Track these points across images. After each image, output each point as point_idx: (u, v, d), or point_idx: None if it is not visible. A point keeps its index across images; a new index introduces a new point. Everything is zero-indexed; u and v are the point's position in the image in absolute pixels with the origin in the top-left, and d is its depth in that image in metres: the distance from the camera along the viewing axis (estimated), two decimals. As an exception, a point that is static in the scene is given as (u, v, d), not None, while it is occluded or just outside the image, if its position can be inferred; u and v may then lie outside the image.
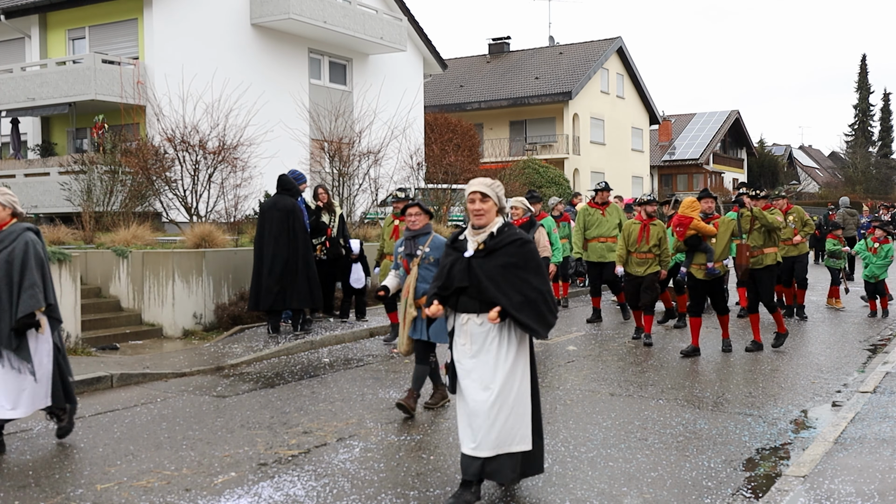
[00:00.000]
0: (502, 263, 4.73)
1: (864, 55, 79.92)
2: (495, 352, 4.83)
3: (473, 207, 4.76)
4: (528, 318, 4.72)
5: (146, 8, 20.84)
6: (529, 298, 4.71)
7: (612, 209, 13.28)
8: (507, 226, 4.84)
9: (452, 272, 4.79)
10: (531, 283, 4.75)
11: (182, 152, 15.76)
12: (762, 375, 8.94)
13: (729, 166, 58.89)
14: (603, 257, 12.83)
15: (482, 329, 4.83)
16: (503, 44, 47.72)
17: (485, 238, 4.78)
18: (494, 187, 4.82)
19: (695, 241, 9.93)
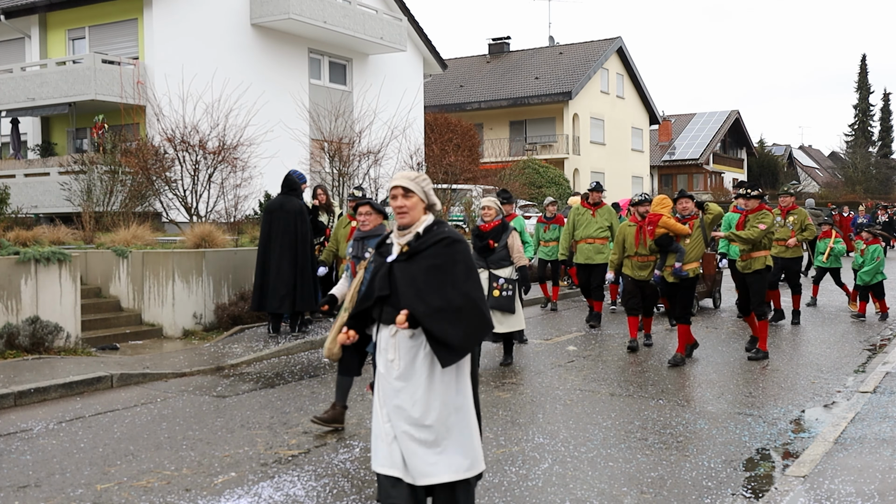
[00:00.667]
0: (425, 266, 4.06)
1: (864, 55, 79.85)
2: (427, 370, 4.05)
3: (395, 205, 4.16)
4: (443, 328, 3.92)
5: (146, 8, 20.84)
6: (453, 305, 3.98)
7: (604, 211, 12.78)
8: (436, 224, 4.20)
9: (374, 281, 4.18)
10: (458, 287, 4.02)
11: (182, 152, 15.76)
12: (762, 375, 8.94)
13: (729, 166, 58.89)
14: (590, 259, 12.44)
15: (413, 344, 4.08)
16: (503, 44, 47.71)
17: (409, 239, 4.15)
18: (419, 181, 4.23)
19: (666, 241, 9.47)
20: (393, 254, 4.19)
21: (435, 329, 3.94)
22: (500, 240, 9.06)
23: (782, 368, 9.35)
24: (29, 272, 9.74)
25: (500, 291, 9.00)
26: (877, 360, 9.63)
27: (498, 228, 9.14)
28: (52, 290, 9.92)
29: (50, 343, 9.77)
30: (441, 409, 4.03)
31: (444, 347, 3.96)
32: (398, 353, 4.11)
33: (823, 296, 15.47)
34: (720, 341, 11.10)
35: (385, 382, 4.14)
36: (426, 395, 4.04)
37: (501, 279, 9.01)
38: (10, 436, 6.67)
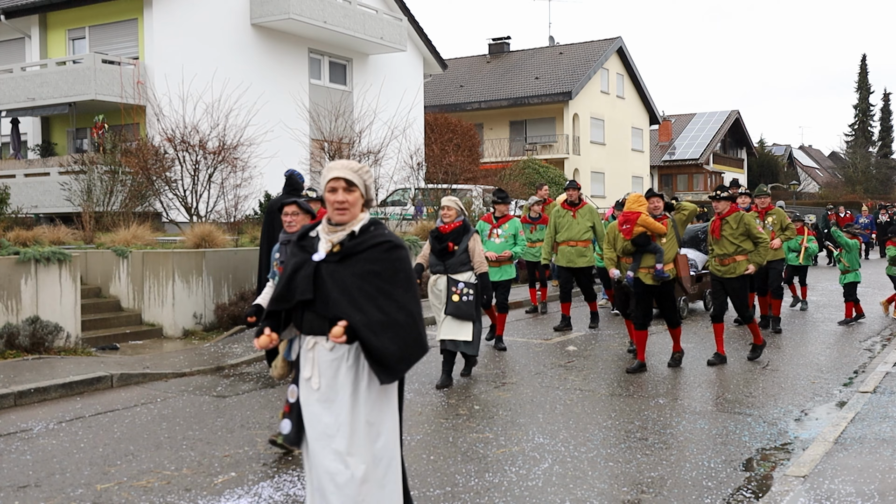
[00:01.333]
0: (361, 272, 3.54)
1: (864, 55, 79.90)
2: (351, 392, 3.57)
3: (335, 199, 3.60)
4: (384, 343, 3.47)
5: (146, 8, 20.84)
6: (393, 319, 3.49)
7: (585, 211, 12.08)
8: (373, 224, 3.69)
9: (296, 280, 3.61)
10: (397, 300, 3.53)
11: (182, 152, 15.76)
12: (762, 375, 8.94)
13: (729, 166, 58.87)
14: (572, 262, 11.93)
15: (334, 357, 3.56)
16: (503, 44, 47.71)
17: (343, 238, 3.62)
18: (362, 173, 3.68)
19: (643, 241, 9.00)
20: (320, 251, 3.64)
21: (372, 343, 3.45)
22: (460, 242, 8.33)
23: (782, 368, 9.35)
24: (29, 272, 9.75)
25: (459, 296, 8.23)
26: (877, 360, 9.63)
27: (458, 230, 8.39)
28: (52, 290, 9.92)
29: (50, 343, 9.77)
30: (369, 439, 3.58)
31: (379, 364, 3.49)
32: (317, 370, 3.59)
33: (823, 296, 15.48)
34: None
35: (305, 407, 3.62)
36: (351, 421, 3.56)
37: (461, 283, 8.26)
38: (10, 436, 6.67)
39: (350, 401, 3.56)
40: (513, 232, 10.43)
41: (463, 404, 7.63)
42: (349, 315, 3.47)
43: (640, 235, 8.98)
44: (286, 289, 3.65)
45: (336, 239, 3.64)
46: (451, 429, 6.77)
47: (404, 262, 3.64)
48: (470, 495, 5.20)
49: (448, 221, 8.48)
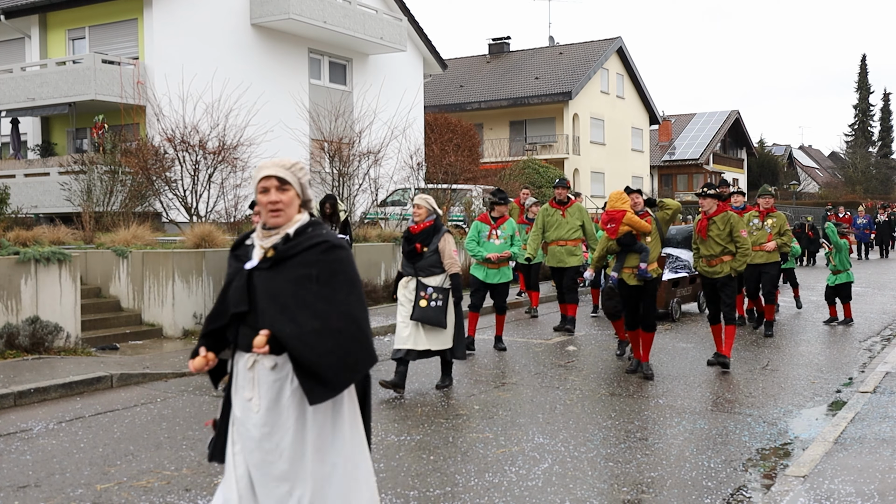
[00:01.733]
0: (295, 276, 3.23)
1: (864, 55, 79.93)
2: (296, 416, 3.23)
3: (268, 200, 3.30)
4: (317, 355, 3.13)
5: (146, 8, 20.84)
6: (331, 326, 3.16)
7: (575, 210, 11.82)
8: (311, 225, 3.38)
9: (230, 292, 3.34)
10: (337, 304, 3.21)
11: (182, 152, 15.76)
12: (762, 375, 8.94)
13: (729, 166, 58.86)
14: (562, 262, 11.66)
15: (277, 377, 3.22)
16: (503, 44, 47.72)
17: (276, 242, 3.31)
18: (296, 171, 3.37)
19: (629, 241, 8.65)
20: (253, 259, 3.34)
21: (305, 356, 3.13)
22: (429, 243, 7.93)
23: (782, 368, 9.35)
24: (29, 272, 9.74)
25: (427, 301, 7.82)
26: (877, 360, 9.63)
27: (428, 230, 7.98)
28: (52, 290, 9.92)
29: (50, 343, 9.77)
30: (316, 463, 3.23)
31: (314, 380, 3.15)
32: (257, 390, 3.25)
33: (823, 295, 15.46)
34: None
35: (243, 429, 3.28)
36: (295, 446, 3.22)
37: (430, 288, 7.88)
38: (10, 436, 6.67)
39: (295, 425, 3.21)
40: (510, 233, 10.21)
41: (463, 404, 7.63)
42: (278, 325, 3.16)
43: (626, 235, 8.66)
44: (221, 302, 3.36)
45: (269, 244, 3.32)
46: (451, 429, 6.77)
47: (344, 263, 3.31)
48: (470, 495, 5.20)
49: (418, 221, 8.07)
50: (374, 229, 16.28)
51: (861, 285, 18.70)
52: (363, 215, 18.41)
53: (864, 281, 19.85)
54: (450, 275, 7.97)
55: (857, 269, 23.77)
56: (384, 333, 11.76)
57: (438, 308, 7.85)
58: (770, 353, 10.24)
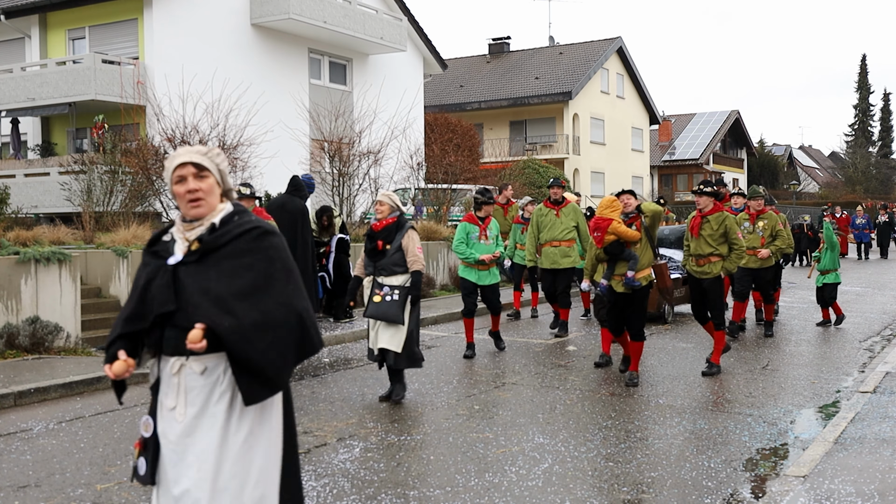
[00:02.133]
0: (228, 268, 2.99)
1: (864, 55, 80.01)
2: (224, 420, 2.99)
3: (185, 189, 3.05)
4: (258, 349, 2.92)
5: (146, 8, 20.85)
6: (272, 318, 2.95)
7: (569, 210, 11.47)
8: (237, 213, 3.13)
9: (150, 291, 3.02)
10: (275, 295, 2.99)
11: (182, 152, 15.75)
12: (762, 375, 8.94)
13: (729, 166, 58.86)
14: (556, 263, 11.30)
15: (206, 381, 2.98)
16: (503, 44, 47.73)
17: (202, 233, 3.07)
18: (213, 156, 3.13)
19: (616, 249, 8.37)
20: (176, 254, 3.07)
21: (245, 351, 2.90)
22: (392, 241, 7.55)
23: (782, 368, 9.35)
24: (29, 272, 9.74)
25: (382, 297, 7.45)
26: (877, 360, 9.63)
27: (391, 227, 7.59)
28: (52, 290, 9.92)
29: (50, 343, 9.77)
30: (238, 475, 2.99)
31: (253, 377, 2.93)
32: (182, 398, 2.99)
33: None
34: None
35: (165, 442, 3.03)
36: (220, 459, 2.96)
37: (385, 287, 7.49)
38: (10, 436, 6.67)
39: (219, 438, 2.96)
40: (496, 233, 10.03)
41: (463, 404, 7.63)
42: (215, 318, 2.90)
43: (613, 244, 8.37)
44: (140, 303, 3.03)
45: (193, 236, 3.07)
46: (451, 429, 6.77)
47: (280, 251, 3.09)
48: (470, 495, 5.20)
49: (381, 218, 7.69)
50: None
51: (861, 285, 18.70)
52: (363, 215, 18.41)
53: (864, 281, 19.85)
54: (412, 271, 7.55)
55: (857, 269, 23.81)
56: (384, 333, 11.77)
57: (392, 303, 7.41)
58: (770, 353, 10.25)
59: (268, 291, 2.99)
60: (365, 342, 11.19)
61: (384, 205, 7.73)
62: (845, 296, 16.09)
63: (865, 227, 28.01)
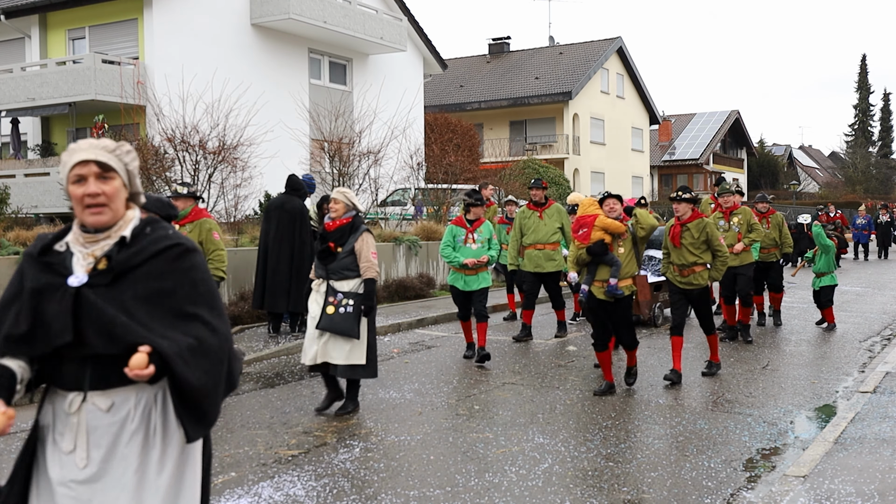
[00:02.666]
0: (145, 293, 2.55)
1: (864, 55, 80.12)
2: (136, 468, 2.57)
3: (85, 192, 2.61)
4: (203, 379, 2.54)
5: (146, 8, 20.85)
6: (208, 345, 2.58)
7: (553, 211, 11.10)
8: (148, 223, 2.69)
9: (44, 315, 2.54)
10: (206, 322, 2.60)
11: (182, 152, 15.76)
12: (762, 375, 8.94)
13: (729, 166, 58.89)
14: (540, 267, 10.91)
15: (113, 420, 2.54)
16: (503, 44, 47.74)
17: (109, 249, 2.59)
18: (122, 154, 2.67)
19: (600, 249, 7.77)
20: (78, 272, 2.56)
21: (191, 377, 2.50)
22: (345, 243, 7.08)
23: (782, 368, 9.35)
24: (29, 272, 9.72)
25: (335, 308, 6.92)
26: (877, 360, 9.63)
27: (344, 228, 7.13)
28: (52, 290, 9.89)
29: (50, 343, 9.73)
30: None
31: (195, 410, 2.55)
32: (83, 439, 2.55)
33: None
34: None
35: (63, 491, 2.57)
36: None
37: (340, 294, 6.97)
38: (11, 436, 6.66)
39: (135, 481, 2.55)
40: (487, 236, 9.57)
41: (463, 404, 7.63)
42: (153, 340, 2.47)
43: (598, 243, 7.79)
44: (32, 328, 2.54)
45: (99, 251, 2.59)
46: (451, 429, 6.77)
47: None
48: (470, 495, 5.20)
49: (335, 218, 7.20)
50: (374, 229, 16.28)
51: (861, 285, 18.70)
52: (363, 215, 18.41)
53: (864, 281, 19.85)
54: (364, 279, 7.05)
55: (857, 269, 23.81)
56: (383, 333, 11.76)
57: (347, 315, 6.91)
58: (770, 353, 10.25)
59: (197, 318, 2.59)
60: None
61: (339, 203, 7.22)
62: (845, 296, 16.09)
63: (865, 228, 27.93)
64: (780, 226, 12.16)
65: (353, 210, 7.27)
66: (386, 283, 14.67)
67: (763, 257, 11.90)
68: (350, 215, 7.23)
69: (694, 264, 8.47)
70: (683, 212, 8.48)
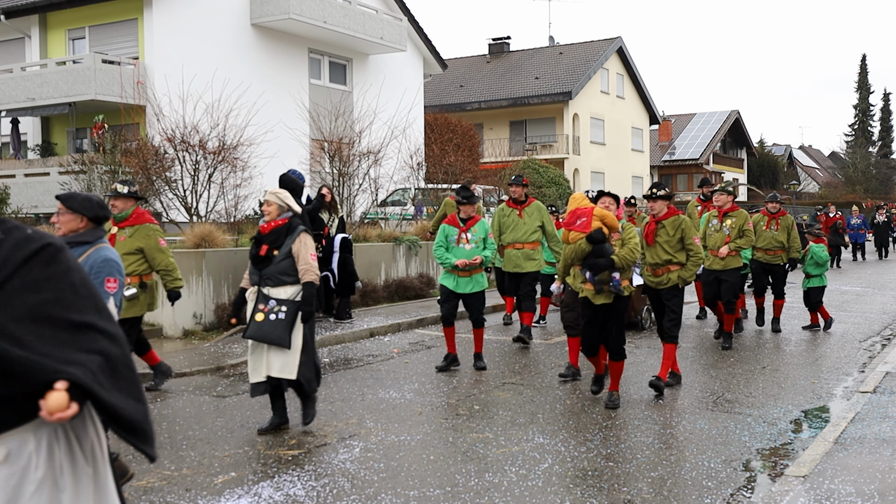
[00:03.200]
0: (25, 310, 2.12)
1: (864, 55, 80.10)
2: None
3: None
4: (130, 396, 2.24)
5: (146, 8, 20.85)
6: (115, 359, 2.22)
7: (533, 209, 10.63)
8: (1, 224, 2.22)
9: None
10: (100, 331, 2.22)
11: (182, 152, 15.76)
12: (762, 375, 8.94)
13: (729, 166, 58.93)
14: (519, 266, 10.49)
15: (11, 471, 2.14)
16: (503, 44, 47.75)
17: None
18: None
19: (601, 236, 7.31)
20: None
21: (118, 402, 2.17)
22: (280, 246, 6.55)
23: (782, 368, 9.35)
24: (29, 272, 9.72)
25: (265, 315, 6.45)
26: (877, 360, 9.63)
27: (279, 231, 6.60)
28: (52, 290, 9.89)
29: (50, 343, 9.73)
30: None
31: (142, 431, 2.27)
32: None
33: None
34: (717, 341, 11.09)
35: None
36: None
37: (272, 301, 6.48)
38: (10, 436, 6.66)
39: None
40: (482, 235, 9.11)
41: (463, 404, 7.63)
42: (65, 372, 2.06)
43: (599, 230, 7.33)
44: None
45: None
46: (451, 429, 6.77)
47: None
48: (470, 495, 5.20)
49: (269, 220, 6.69)
50: (374, 229, 16.28)
51: (861, 285, 18.71)
52: (363, 215, 18.41)
53: (864, 281, 19.86)
54: (303, 283, 6.54)
55: (857, 269, 23.82)
56: (384, 333, 11.77)
57: (278, 322, 6.42)
58: (770, 353, 10.25)
59: (89, 328, 2.20)
60: (365, 342, 11.20)
61: (272, 205, 6.69)
62: (845, 296, 16.10)
63: (860, 228, 27.84)
64: (790, 228, 11.71)
65: (289, 211, 6.75)
66: (386, 283, 14.67)
67: (768, 259, 11.68)
68: (286, 216, 6.72)
69: (668, 262, 8.10)
70: (659, 209, 8.19)
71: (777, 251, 11.66)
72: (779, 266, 11.75)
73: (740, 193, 51.92)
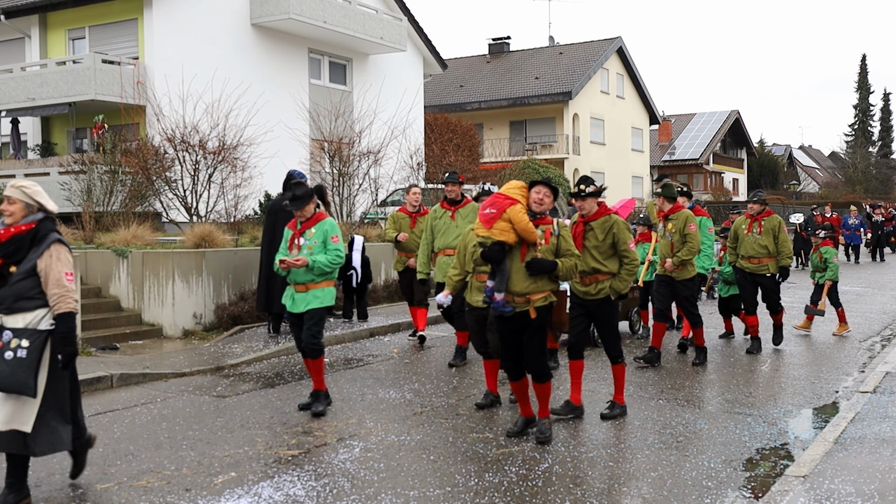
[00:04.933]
0: None
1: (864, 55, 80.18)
2: None
3: None
4: None
5: (146, 8, 20.85)
6: None
7: (468, 211, 9.32)
8: None
9: None
10: None
11: (182, 152, 15.76)
12: (762, 375, 8.94)
13: (729, 166, 58.94)
14: None
15: None
16: (503, 44, 47.76)
17: None
18: None
19: (497, 257, 6.03)
20: None
21: None
22: (21, 259, 4.92)
23: (782, 368, 9.35)
24: (29, 272, 9.73)
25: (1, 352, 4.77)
26: (877, 360, 9.63)
27: (21, 238, 4.94)
28: (52, 290, 9.90)
29: (50, 343, 9.74)
30: None
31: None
32: None
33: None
34: (717, 341, 11.09)
35: None
36: None
37: (7, 332, 4.81)
38: (10, 436, 6.66)
39: None
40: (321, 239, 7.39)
41: (463, 404, 7.63)
42: None
43: (495, 246, 6.02)
44: None
45: None
46: (451, 429, 6.77)
47: None
48: (470, 495, 5.20)
49: (9, 223, 4.98)
50: (374, 229, 16.27)
51: (861, 285, 18.71)
52: (363, 215, 18.41)
53: (864, 281, 19.86)
54: (58, 314, 4.86)
55: (857, 269, 23.81)
56: (384, 333, 11.76)
57: (20, 362, 4.74)
58: (770, 354, 10.24)
59: None
60: (365, 342, 11.19)
61: (14, 203, 4.95)
62: (846, 296, 16.07)
63: (857, 228, 27.74)
64: (777, 231, 10.14)
65: (40, 212, 5.03)
66: (386, 283, 14.66)
67: (753, 269, 10.14)
68: (33, 219, 4.98)
69: (596, 272, 6.91)
70: (589, 208, 6.97)
71: (763, 259, 10.08)
72: (765, 277, 10.13)
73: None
